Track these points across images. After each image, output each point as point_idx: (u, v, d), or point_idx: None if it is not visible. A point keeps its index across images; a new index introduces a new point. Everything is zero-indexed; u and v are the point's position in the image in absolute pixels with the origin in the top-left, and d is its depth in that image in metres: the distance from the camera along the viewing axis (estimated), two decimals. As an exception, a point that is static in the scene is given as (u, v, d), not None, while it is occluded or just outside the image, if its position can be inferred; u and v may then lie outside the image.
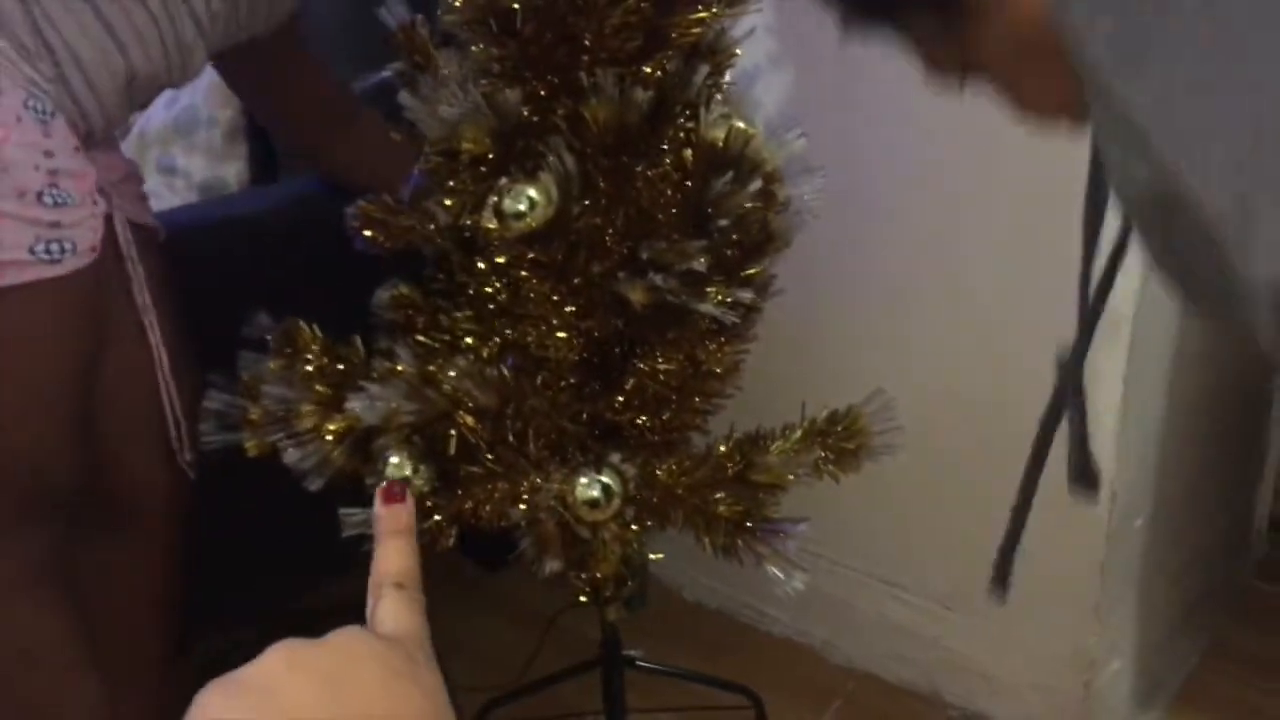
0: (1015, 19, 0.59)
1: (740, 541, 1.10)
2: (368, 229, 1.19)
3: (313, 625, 0.51)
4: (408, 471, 1.06)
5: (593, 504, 1.09)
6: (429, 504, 1.10)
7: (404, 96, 1.12)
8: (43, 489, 1.08)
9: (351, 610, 0.56)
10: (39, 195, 0.99)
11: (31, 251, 0.98)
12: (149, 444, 1.20)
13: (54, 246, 1.00)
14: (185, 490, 1.24)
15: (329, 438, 1.07)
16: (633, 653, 1.58)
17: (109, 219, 1.10)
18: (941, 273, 1.51)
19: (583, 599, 1.36)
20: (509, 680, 1.67)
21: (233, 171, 1.70)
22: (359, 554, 1.12)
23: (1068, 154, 1.38)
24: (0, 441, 1.04)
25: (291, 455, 1.08)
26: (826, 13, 0.62)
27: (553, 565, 1.10)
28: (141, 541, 1.24)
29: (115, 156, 1.21)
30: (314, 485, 1.08)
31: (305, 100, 1.39)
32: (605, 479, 1.09)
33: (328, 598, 1.78)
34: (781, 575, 1.08)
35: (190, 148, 1.70)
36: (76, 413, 1.09)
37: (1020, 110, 0.69)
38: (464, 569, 1.89)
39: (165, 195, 1.72)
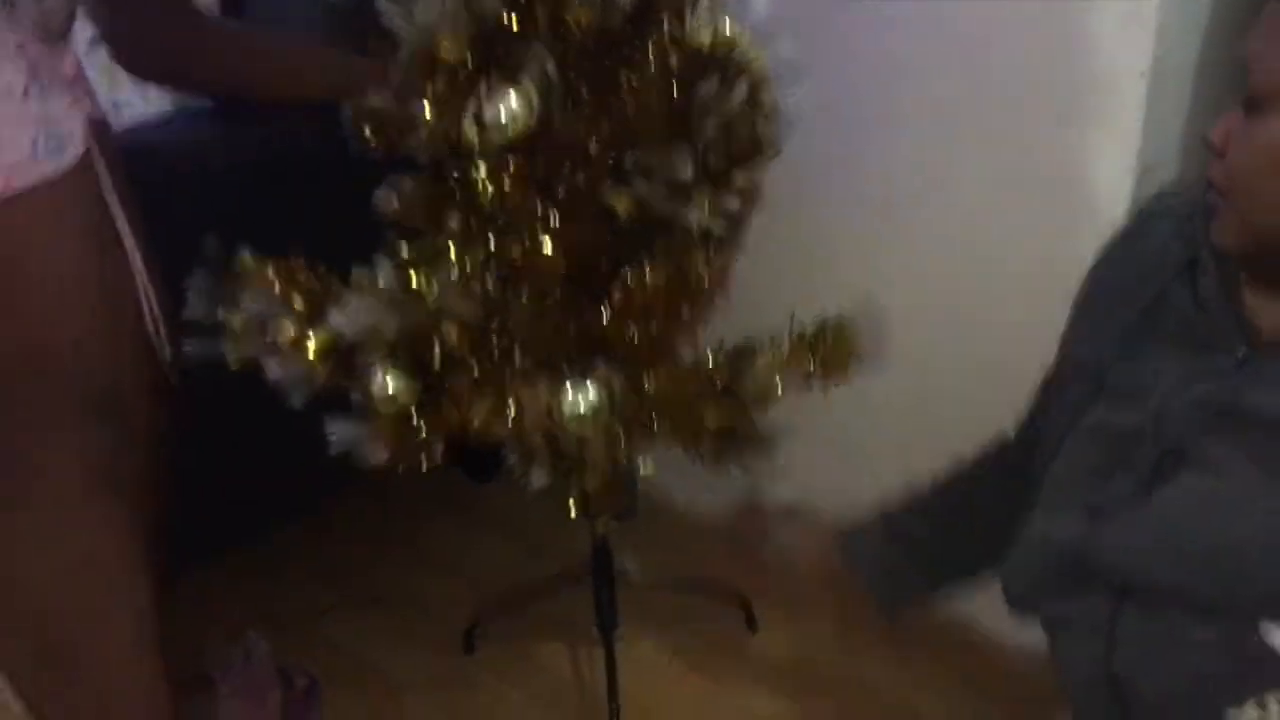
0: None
1: (727, 454, 1.10)
2: (366, 128, 1.15)
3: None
4: (391, 386, 1.05)
5: (579, 416, 1.08)
6: (414, 419, 1.09)
7: (382, 1, 1.08)
8: (94, 390, 1.05)
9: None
10: (25, 90, 0.95)
11: (34, 148, 0.95)
12: (133, 347, 1.18)
13: (51, 141, 0.96)
14: (167, 396, 1.22)
15: (311, 353, 1.05)
16: (623, 563, 1.60)
17: None
18: (934, 179, 1.48)
19: (572, 512, 1.37)
20: (500, 593, 1.68)
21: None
22: (343, 478, 1.12)
23: (1064, 62, 1.36)
24: (50, 344, 1.01)
25: (274, 370, 1.07)
26: None
27: (539, 477, 1.10)
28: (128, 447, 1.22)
29: (66, 49, 1.14)
30: (297, 401, 1.07)
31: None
32: (592, 391, 1.08)
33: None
34: (768, 486, 1.08)
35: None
36: (107, 309, 1.06)
37: None
38: (453, 484, 1.90)
39: (139, 105, 1.67)
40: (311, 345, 1.06)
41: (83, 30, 1.74)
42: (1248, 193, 0.81)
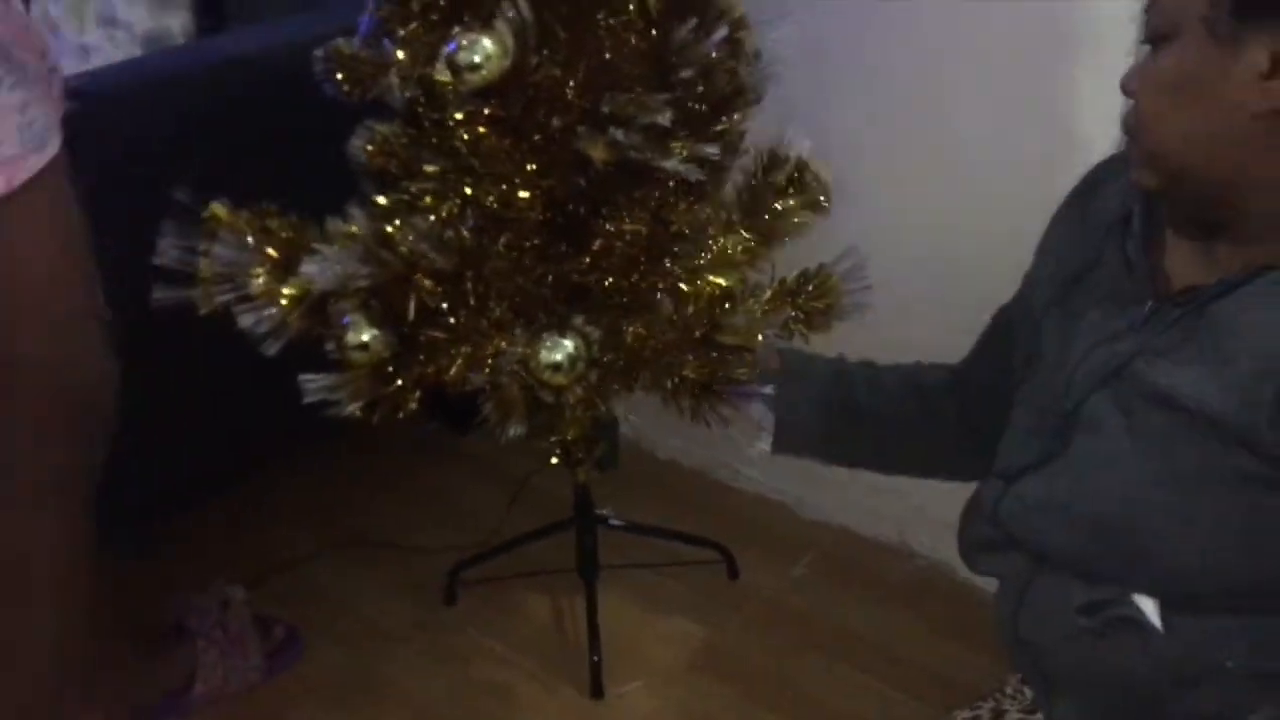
0: None
1: (706, 404, 1.09)
2: (338, 72, 1.12)
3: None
4: (365, 336, 1.03)
5: (555, 367, 1.06)
6: (389, 369, 1.07)
7: (350, -62, 1.05)
8: (78, 399, 1.00)
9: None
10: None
11: (21, 142, 0.89)
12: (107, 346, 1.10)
13: (34, 132, 0.90)
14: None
15: (284, 302, 1.03)
16: (604, 512, 1.60)
17: None
18: (921, 126, 1.46)
19: (554, 460, 1.36)
20: (482, 541, 1.68)
21: (177, 22, 1.61)
22: (322, 424, 1.11)
23: (1056, 5, 1.33)
24: (41, 352, 0.96)
25: (246, 319, 1.05)
26: None
27: (516, 429, 1.08)
28: None
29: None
30: (270, 350, 1.05)
31: None
32: (568, 342, 1.07)
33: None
34: (748, 437, 1.07)
35: (131, -5, 1.61)
36: (91, 310, 1.02)
37: None
38: (435, 430, 1.89)
39: (106, 49, 1.63)
40: (284, 294, 1.04)
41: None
42: (1147, 125, 0.83)
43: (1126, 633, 0.87)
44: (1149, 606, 0.86)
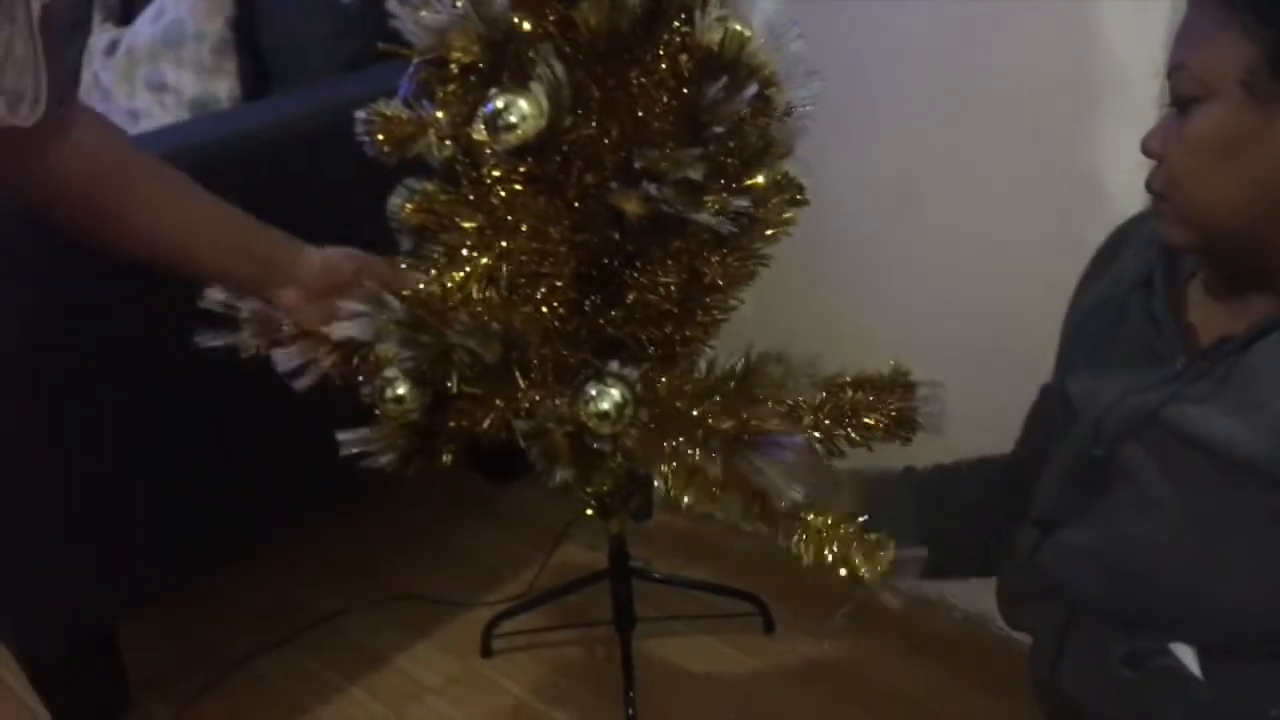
0: None
1: (738, 455, 1.09)
2: (379, 133, 1.15)
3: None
4: (402, 390, 1.05)
5: (603, 416, 1.06)
6: (425, 423, 1.09)
7: (391, 4, 1.09)
8: None
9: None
10: None
11: None
12: None
13: None
14: None
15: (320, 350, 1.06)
16: (639, 564, 1.60)
17: None
18: (950, 180, 1.47)
19: (589, 511, 1.37)
20: (516, 595, 1.69)
21: (224, 87, 1.66)
22: (359, 477, 1.11)
23: (1078, 60, 1.35)
24: None
25: (283, 361, 1.07)
26: None
27: (563, 474, 1.08)
28: None
29: None
30: (304, 384, 1.07)
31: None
32: (614, 390, 1.06)
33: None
34: (779, 488, 1.07)
35: (179, 62, 1.66)
36: None
37: None
38: (471, 482, 1.90)
39: (156, 113, 1.69)
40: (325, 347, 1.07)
41: (99, 36, 1.78)
42: (1186, 188, 0.82)
43: (1168, 682, 0.86)
44: (1188, 655, 0.85)
